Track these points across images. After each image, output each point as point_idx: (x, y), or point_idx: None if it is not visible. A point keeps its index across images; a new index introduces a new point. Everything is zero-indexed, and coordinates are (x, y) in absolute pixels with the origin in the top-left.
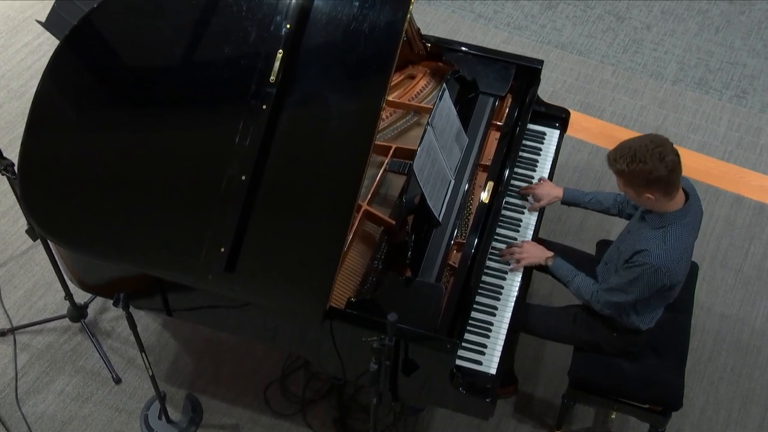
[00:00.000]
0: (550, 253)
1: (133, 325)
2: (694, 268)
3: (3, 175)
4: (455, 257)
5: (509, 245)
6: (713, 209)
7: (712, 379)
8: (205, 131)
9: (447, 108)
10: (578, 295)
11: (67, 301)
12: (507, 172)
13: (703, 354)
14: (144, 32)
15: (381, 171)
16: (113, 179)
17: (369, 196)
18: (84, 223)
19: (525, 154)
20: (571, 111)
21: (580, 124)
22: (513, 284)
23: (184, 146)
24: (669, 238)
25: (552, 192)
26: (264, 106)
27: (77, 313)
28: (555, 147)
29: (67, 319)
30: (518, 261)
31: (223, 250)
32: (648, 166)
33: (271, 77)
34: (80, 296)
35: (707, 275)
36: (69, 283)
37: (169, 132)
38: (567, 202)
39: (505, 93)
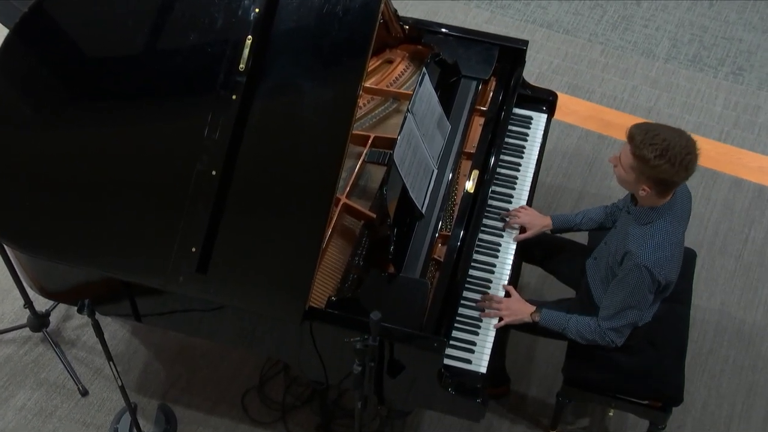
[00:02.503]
0: (533, 307)
1: (99, 333)
2: (691, 256)
3: None
4: (440, 251)
5: (486, 295)
6: (710, 193)
7: (713, 372)
8: (172, 125)
9: (427, 93)
10: (581, 338)
11: (27, 310)
12: (493, 160)
13: (704, 346)
14: (102, 20)
15: (360, 162)
16: (73, 178)
17: (347, 188)
18: (43, 225)
19: (511, 140)
20: (558, 93)
21: (568, 107)
22: (502, 278)
23: (149, 141)
24: (656, 235)
25: (539, 222)
26: (234, 96)
27: (38, 321)
28: (542, 132)
29: (27, 328)
30: (499, 318)
31: (194, 250)
32: (672, 169)
33: (241, 65)
34: (41, 304)
35: (706, 263)
36: (28, 289)
37: (133, 126)
38: (558, 229)
39: (489, 76)
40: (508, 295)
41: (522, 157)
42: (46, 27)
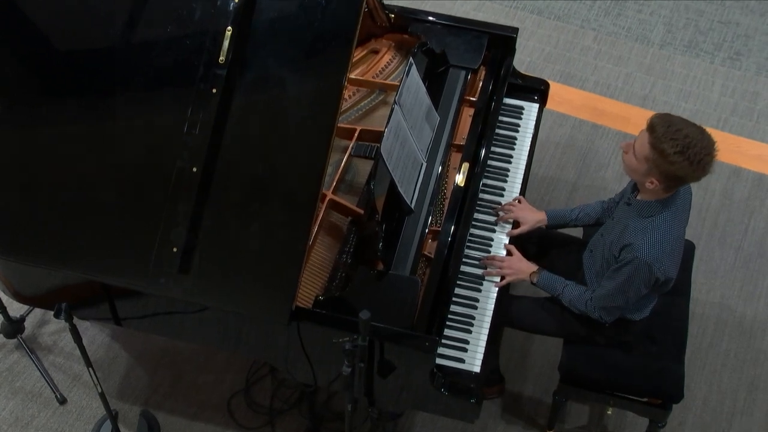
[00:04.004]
0: (535, 267)
1: (77, 338)
2: (690, 248)
3: None
4: (431, 247)
5: (490, 256)
6: (708, 183)
7: (714, 366)
8: (149, 120)
9: (415, 84)
10: (572, 307)
11: (0, 315)
12: (483, 152)
13: (704, 340)
14: (75, 11)
15: (346, 156)
16: (49, 177)
17: (334, 184)
18: (16, 227)
19: (502, 132)
20: (550, 82)
21: (560, 95)
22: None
23: (126, 138)
24: (657, 229)
25: (534, 217)
26: (214, 90)
27: (12, 328)
28: (534, 122)
29: (0, 335)
30: (501, 277)
31: (175, 250)
32: (690, 167)
33: (221, 58)
34: (15, 309)
35: (704, 254)
36: (1, 294)
37: (109, 123)
38: (553, 225)
39: (478, 65)
40: (510, 254)
41: (513, 149)
42: (15, 19)
